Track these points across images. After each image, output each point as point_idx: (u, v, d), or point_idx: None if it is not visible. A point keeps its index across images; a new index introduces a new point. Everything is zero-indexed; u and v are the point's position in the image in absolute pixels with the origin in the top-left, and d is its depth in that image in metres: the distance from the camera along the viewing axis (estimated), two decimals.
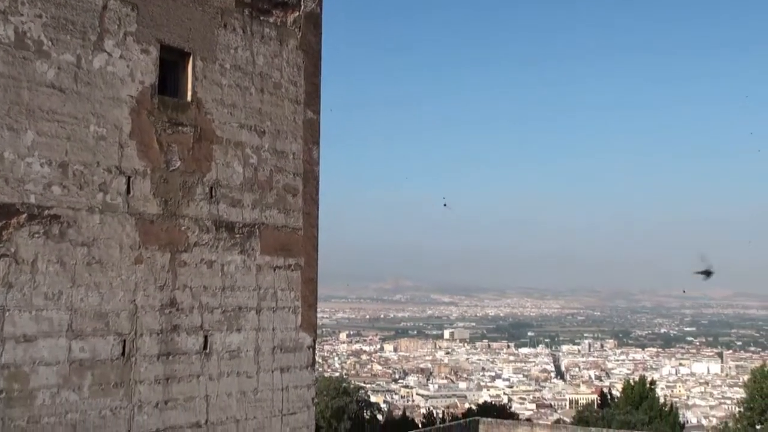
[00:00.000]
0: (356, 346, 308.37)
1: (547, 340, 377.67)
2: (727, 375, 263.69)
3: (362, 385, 73.38)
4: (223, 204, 24.03)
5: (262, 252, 25.39)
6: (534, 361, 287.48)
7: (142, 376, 21.58)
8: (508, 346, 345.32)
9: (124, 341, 21.15)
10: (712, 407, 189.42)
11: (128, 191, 21.38)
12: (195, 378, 23.19)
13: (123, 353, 21.11)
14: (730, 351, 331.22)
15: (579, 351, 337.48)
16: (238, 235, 24.45)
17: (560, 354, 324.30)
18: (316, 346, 28.08)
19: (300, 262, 26.78)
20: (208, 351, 23.51)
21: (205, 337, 23.50)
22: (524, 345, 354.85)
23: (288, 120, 26.42)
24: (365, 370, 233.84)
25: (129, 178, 21.44)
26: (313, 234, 27.36)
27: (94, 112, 20.97)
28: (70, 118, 20.41)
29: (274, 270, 25.76)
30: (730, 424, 47.49)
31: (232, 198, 24.38)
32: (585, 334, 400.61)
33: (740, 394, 62.06)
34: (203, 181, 23.55)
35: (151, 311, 21.87)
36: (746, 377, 54.66)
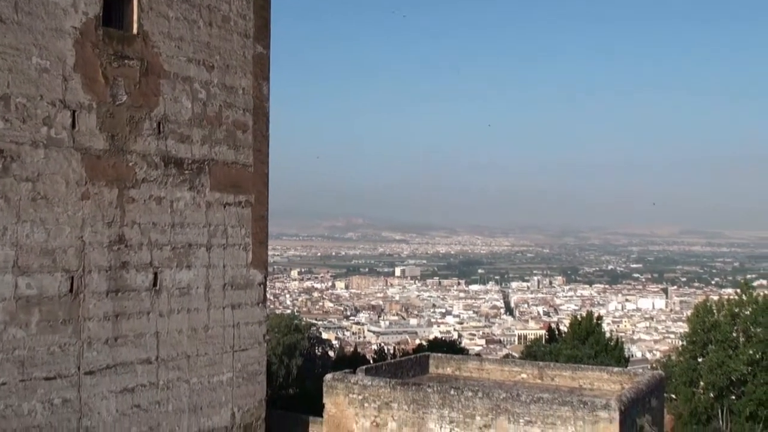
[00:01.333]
0: (308, 284, 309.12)
1: (496, 278, 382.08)
2: (671, 310, 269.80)
3: (314, 322, 73.82)
4: (171, 140, 23.68)
5: (212, 189, 25.17)
6: (484, 298, 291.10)
7: (90, 313, 21.43)
8: (459, 284, 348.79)
9: (72, 278, 20.93)
10: (656, 341, 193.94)
11: (73, 125, 20.94)
12: (145, 315, 23.10)
13: (71, 290, 20.91)
14: (675, 287, 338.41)
15: (528, 288, 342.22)
16: (187, 172, 24.17)
17: (510, 291, 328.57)
18: (267, 283, 28.10)
19: (250, 199, 26.62)
20: (158, 288, 23.40)
21: (155, 274, 23.37)
22: (474, 282, 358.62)
23: (237, 54, 25.97)
24: (317, 307, 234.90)
25: (74, 112, 20.98)
26: (263, 171, 27.16)
27: (36, 43, 20.40)
28: (11, 49, 19.82)
29: (225, 207, 25.59)
30: (674, 358, 48.74)
31: (181, 134, 24.03)
32: (534, 271, 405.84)
33: (684, 328, 63.68)
34: (151, 116, 23.15)
35: (99, 248, 21.62)
36: (690, 312, 56.02)
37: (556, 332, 61.54)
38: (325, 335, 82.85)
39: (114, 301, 22.00)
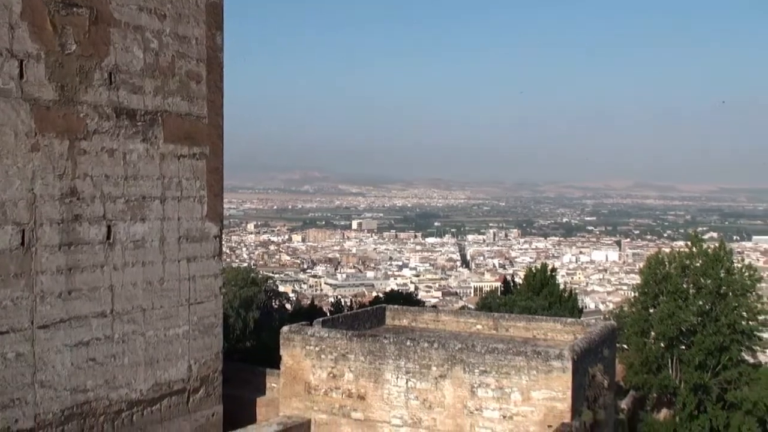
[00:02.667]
0: (264, 237, 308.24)
1: (453, 230, 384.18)
2: (624, 262, 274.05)
3: (270, 275, 73.45)
4: (123, 90, 23.23)
5: (165, 140, 24.82)
6: (440, 251, 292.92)
7: (43, 267, 21.14)
8: (415, 236, 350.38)
9: (23, 231, 20.59)
10: (609, 293, 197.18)
11: (21, 75, 20.43)
12: (99, 268, 22.85)
13: (22, 243, 20.58)
14: (628, 240, 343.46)
15: (484, 241, 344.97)
16: (140, 123, 23.78)
17: (466, 244, 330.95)
18: (223, 236, 27.94)
19: (205, 151, 26.31)
20: (111, 241, 23.13)
21: (109, 227, 23.08)
22: (431, 235, 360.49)
23: (190, 3, 25.42)
24: (273, 260, 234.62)
25: (21, 61, 20.46)
26: (218, 122, 26.82)
27: None
28: None
29: (179, 159, 25.27)
30: (626, 309, 49.41)
31: (133, 84, 23.58)
32: (490, 224, 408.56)
33: (636, 280, 64.55)
34: (101, 66, 22.64)
35: (50, 201, 21.26)
36: (642, 264, 56.79)
37: (511, 284, 62.13)
38: (281, 288, 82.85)
39: (67, 255, 21.72)
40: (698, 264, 43.54)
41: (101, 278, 22.78)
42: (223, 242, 27.78)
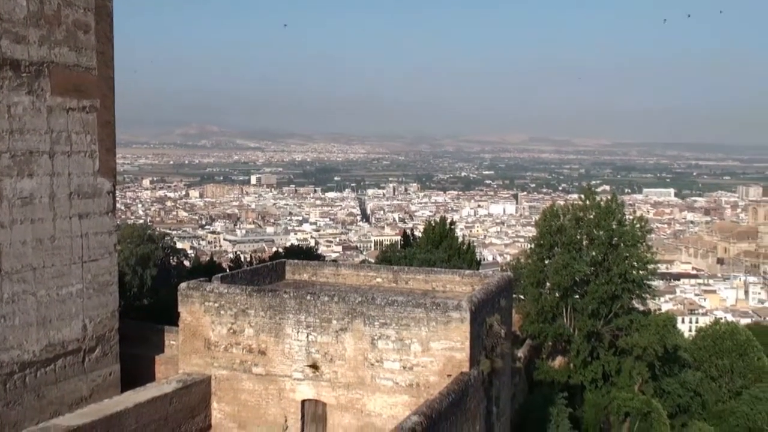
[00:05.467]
0: (161, 193, 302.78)
1: (353, 185, 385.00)
2: (521, 215, 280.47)
3: (168, 231, 72.31)
4: (5, 40, 22.11)
5: (52, 93, 23.81)
6: (340, 206, 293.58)
7: None
8: (315, 191, 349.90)
9: None
10: (506, 245, 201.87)
11: None
12: None
13: None
14: (525, 193, 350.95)
15: (384, 195, 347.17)
16: (24, 75, 22.72)
17: (366, 198, 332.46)
18: (117, 192, 27.18)
19: (95, 104, 25.37)
20: None
21: None
22: (331, 190, 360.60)
23: None
24: (171, 216, 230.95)
25: None
26: (108, 74, 25.86)
27: None
28: None
29: (68, 112, 24.32)
30: (522, 260, 50.42)
31: (16, 33, 22.45)
32: (390, 179, 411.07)
33: (532, 232, 65.97)
34: None
35: None
36: (537, 217, 58.00)
37: (411, 238, 62.71)
38: (180, 245, 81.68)
39: None
40: (591, 216, 44.71)
41: None
42: (118, 198, 27.05)
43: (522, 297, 45.71)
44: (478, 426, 23.43)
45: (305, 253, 53.47)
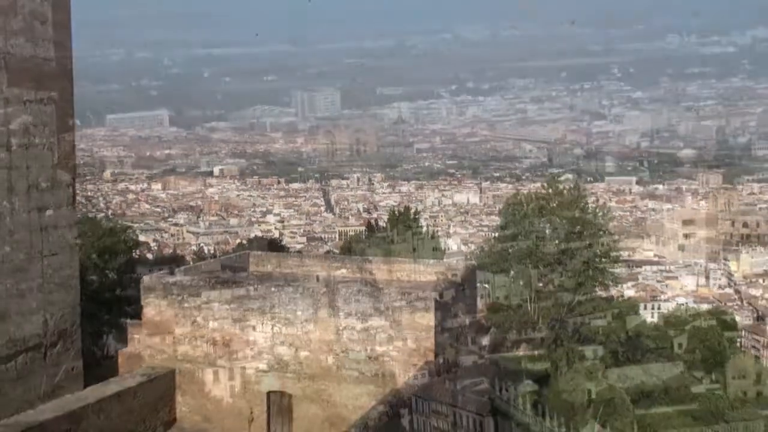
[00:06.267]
0: (122, 185, 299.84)
1: (317, 176, 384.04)
2: (485, 204, 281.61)
3: (130, 224, 71.55)
4: None
5: (9, 84, 23.37)
6: (304, 196, 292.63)
7: None
8: (279, 182, 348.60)
9: None
10: (471, 234, 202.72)
11: None
12: None
13: None
14: (488, 182, 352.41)
15: (348, 185, 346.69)
16: None
17: (330, 189, 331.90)
18: (77, 184, 26.81)
19: (53, 96, 24.99)
20: None
21: None
22: (294, 180, 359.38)
23: None
24: (132, 209, 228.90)
25: None
26: (66, 65, 25.49)
27: None
28: None
29: (25, 104, 23.90)
30: (486, 248, 50.65)
31: None
32: (354, 169, 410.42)
33: (496, 221, 66.36)
34: None
35: None
36: (501, 206, 58.40)
37: (375, 228, 62.77)
38: (142, 237, 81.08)
39: None
40: (554, 205, 45.05)
41: None
42: (78, 191, 26.68)
43: (486, 285, 45.98)
44: None
45: (269, 245, 53.32)
